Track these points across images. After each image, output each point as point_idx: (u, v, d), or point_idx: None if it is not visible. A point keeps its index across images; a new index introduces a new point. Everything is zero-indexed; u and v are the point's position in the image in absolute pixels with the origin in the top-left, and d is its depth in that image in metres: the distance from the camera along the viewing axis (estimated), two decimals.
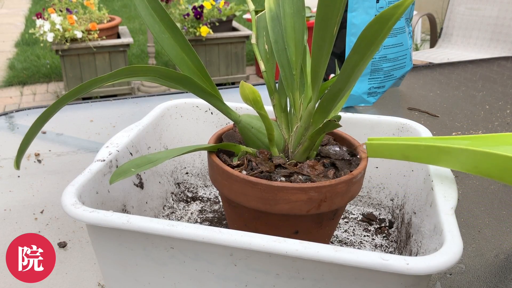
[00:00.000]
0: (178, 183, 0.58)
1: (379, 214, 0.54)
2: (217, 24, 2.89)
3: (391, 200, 0.53)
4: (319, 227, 0.41)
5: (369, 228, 0.52)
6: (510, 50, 2.05)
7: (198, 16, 2.77)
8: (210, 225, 0.51)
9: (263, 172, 0.39)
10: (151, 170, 0.51)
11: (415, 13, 2.18)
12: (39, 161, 0.68)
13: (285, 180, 0.38)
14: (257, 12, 0.47)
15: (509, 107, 0.88)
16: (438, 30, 2.36)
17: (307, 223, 0.40)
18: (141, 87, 2.96)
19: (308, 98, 0.42)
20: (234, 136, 0.46)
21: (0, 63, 3.52)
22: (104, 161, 0.42)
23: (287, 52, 0.43)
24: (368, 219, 0.53)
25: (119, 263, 0.38)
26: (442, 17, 2.81)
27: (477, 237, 0.51)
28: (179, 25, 2.80)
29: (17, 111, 0.85)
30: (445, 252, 0.31)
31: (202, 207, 0.55)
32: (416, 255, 0.39)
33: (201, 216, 0.53)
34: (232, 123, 0.49)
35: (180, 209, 0.54)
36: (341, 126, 0.39)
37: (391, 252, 0.48)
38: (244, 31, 3.00)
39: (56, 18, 2.49)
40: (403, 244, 0.45)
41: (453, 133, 0.77)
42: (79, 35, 2.53)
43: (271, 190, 0.37)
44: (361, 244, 0.49)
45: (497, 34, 2.11)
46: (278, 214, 0.38)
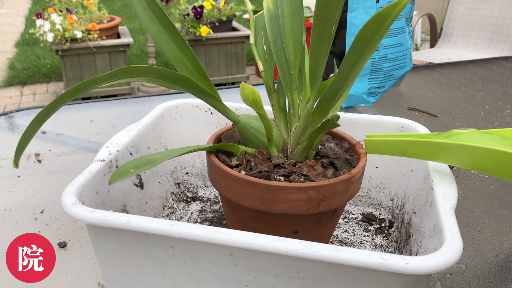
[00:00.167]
0: (178, 183, 0.58)
1: (379, 214, 0.54)
2: (217, 24, 2.89)
3: (391, 200, 0.53)
4: (318, 226, 0.41)
5: (369, 228, 0.52)
6: (510, 50, 2.05)
7: (198, 16, 2.77)
8: (210, 225, 0.51)
9: (262, 172, 0.39)
10: (151, 170, 0.51)
11: (415, 13, 2.18)
12: (39, 161, 0.68)
13: (284, 180, 0.38)
14: (255, 12, 0.47)
15: (509, 107, 0.88)
16: (438, 30, 2.36)
17: (306, 222, 0.40)
18: (141, 87, 2.96)
19: (306, 97, 0.42)
20: (233, 136, 0.46)
21: (0, 63, 3.52)
22: (104, 161, 0.42)
23: (285, 52, 0.43)
24: (368, 219, 0.53)
25: (119, 263, 0.38)
26: (442, 17, 2.81)
27: (477, 237, 0.51)
28: (179, 25, 2.80)
29: (17, 111, 0.85)
30: (445, 252, 0.31)
31: (202, 207, 0.55)
32: (416, 255, 0.39)
33: (201, 216, 0.53)
34: (231, 123, 0.49)
35: (180, 209, 0.54)
36: (339, 126, 0.39)
37: (391, 252, 0.48)
38: (244, 31, 3.00)
39: (56, 18, 2.49)
40: (403, 244, 0.45)
41: None
42: (79, 35, 2.53)
43: (270, 190, 0.37)
44: (361, 244, 0.49)
45: (497, 34, 2.11)
46: (277, 214, 0.38)
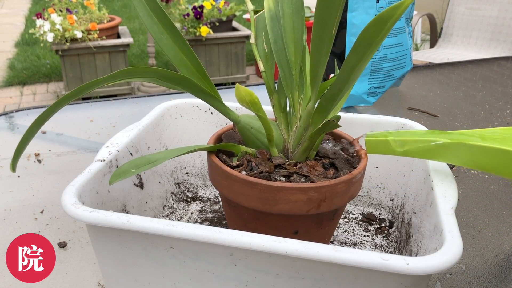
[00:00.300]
0: (178, 183, 0.58)
1: (379, 214, 0.54)
2: (217, 24, 2.89)
3: (391, 200, 0.53)
4: (318, 227, 0.41)
5: (369, 228, 0.52)
6: (510, 50, 2.05)
7: (198, 16, 2.77)
8: (210, 225, 0.51)
9: (262, 173, 0.39)
10: (151, 170, 0.51)
11: (415, 13, 2.18)
12: (39, 161, 0.68)
13: (284, 180, 0.38)
14: (256, 12, 0.47)
15: (509, 107, 0.88)
16: (438, 30, 2.36)
17: (307, 223, 0.40)
18: (141, 87, 2.96)
19: (307, 98, 0.42)
20: (234, 136, 0.46)
21: (0, 63, 3.52)
22: (104, 161, 0.42)
23: (286, 52, 0.43)
24: (368, 219, 0.53)
25: (119, 263, 0.38)
26: (442, 17, 2.81)
27: (477, 237, 0.51)
28: (179, 25, 2.80)
29: (17, 111, 0.85)
30: (445, 252, 0.31)
31: (202, 207, 0.55)
32: (416, 255, 0.39)
33: (201, 216, 0.53)
34: (231, 123, 0.49)
35: (180, 209, 0.54)
36: (340, 126, 0.39)
37: (391, 252, 0.48)
38: (244, 31, 3.00)
39: (56, 18, 2.49)
40: (403, 244, 0.45)
41: None
42: (79, 35, 2.53)
43: (270, 190, 0.37)
44: (361, 244, 0.49)
45: (497, 34, 2.11)
46: (277, 214, 0.38)
